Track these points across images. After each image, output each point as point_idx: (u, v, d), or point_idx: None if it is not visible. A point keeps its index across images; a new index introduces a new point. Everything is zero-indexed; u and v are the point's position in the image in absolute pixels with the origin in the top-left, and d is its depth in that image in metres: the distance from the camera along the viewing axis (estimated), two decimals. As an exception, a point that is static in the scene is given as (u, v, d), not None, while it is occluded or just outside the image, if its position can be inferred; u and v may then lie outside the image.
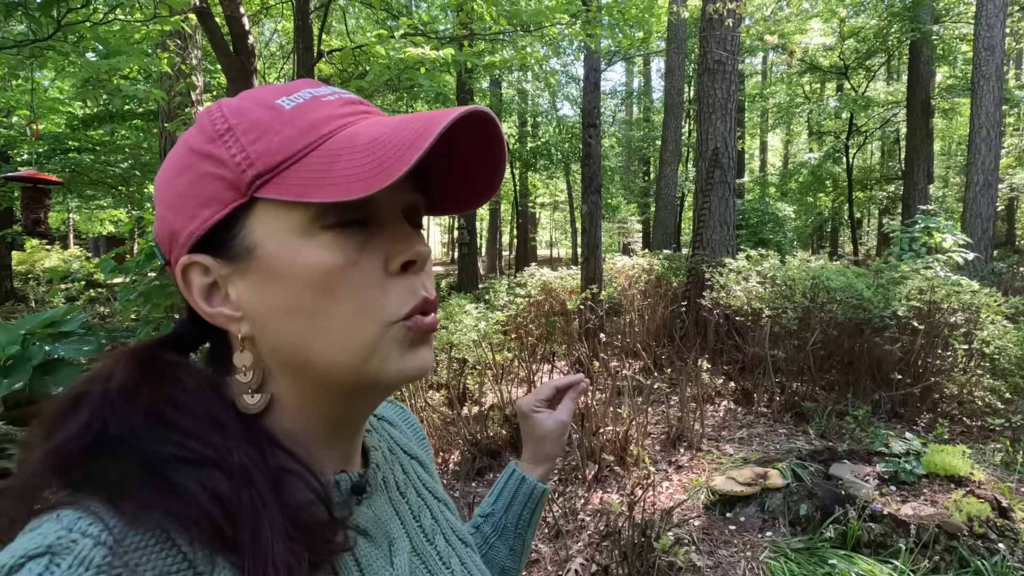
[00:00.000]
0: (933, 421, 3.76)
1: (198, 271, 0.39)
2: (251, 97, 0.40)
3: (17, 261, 11.97)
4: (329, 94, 0.40)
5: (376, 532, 0.45)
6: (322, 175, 0.35)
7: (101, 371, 0.38)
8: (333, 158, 0.36)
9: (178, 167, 0.39)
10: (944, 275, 4.23)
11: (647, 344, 5.68)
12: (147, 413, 0.36)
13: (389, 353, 0.39)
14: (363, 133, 0.37)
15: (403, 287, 0.40)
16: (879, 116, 14.42)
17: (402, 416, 0.63)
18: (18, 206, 3.38)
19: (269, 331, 0.39)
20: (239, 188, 0.37)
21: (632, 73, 23.10)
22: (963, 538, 2.36)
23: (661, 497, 3.08)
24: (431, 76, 3.84)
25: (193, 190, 0.38)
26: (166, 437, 0.35)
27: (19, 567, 0.29)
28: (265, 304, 0.38)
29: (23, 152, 7.29)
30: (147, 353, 0.40)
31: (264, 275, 0.38)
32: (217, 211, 0.38)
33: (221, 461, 0.35)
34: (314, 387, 0.40)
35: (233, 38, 3.60)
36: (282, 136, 0.37)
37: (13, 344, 2.46)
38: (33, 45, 2.25)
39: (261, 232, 0.38)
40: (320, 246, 0.37)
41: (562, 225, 27.11)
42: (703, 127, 6.38)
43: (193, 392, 0.38)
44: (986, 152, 7.70)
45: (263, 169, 0.37)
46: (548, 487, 0.74)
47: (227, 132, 0.38)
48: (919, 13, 10.48)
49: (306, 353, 0.39)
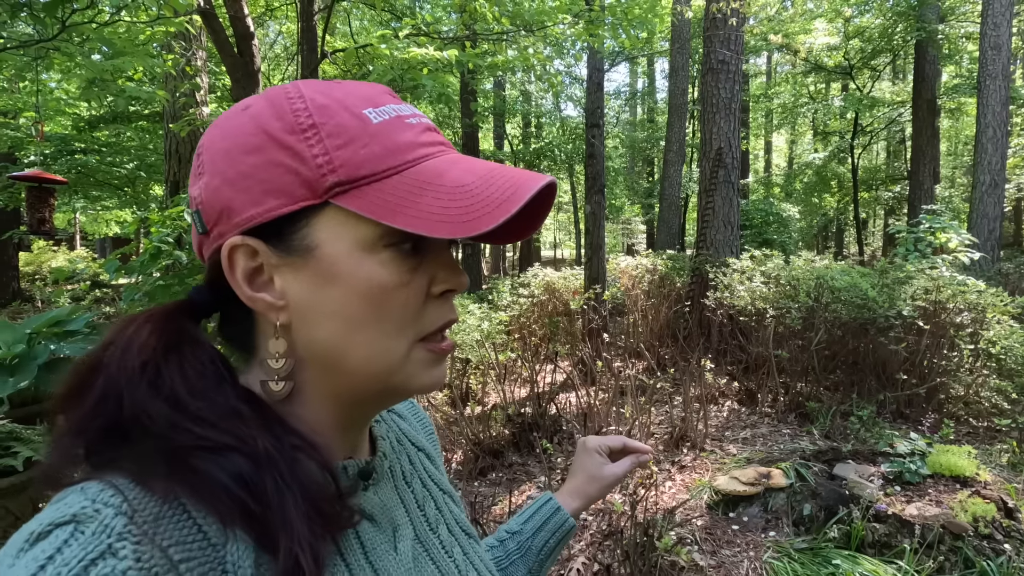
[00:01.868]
0: (939, 422, 3.73)
1: (246, 253, 0.39)
2: (334, 97, 0.40)
3: (24, 262, 12.06)
4: (411, 115, 0.42)
5: (381, 518, 0.46)
6: (406, 203, 0.37)
7: (118, 339, 0.38)
8: (419, 189, 0.38)
9: (247, 145, 0.39)
10: (950, 275, 4.21)
11: (650, 344, 5.66)
12: (164, 397, 0.36)
13: (416, 369, 0.42)
14: (448, 174, 0.39)
15: (437, 308, 0.43)
16: (884, 116, 14.36)
17: (411, 410, 0.64)
18: (24, 207, 3.41)
19: (310, 326, 0.40)
20: (315, 189, 0.38)
21: (636, 74, 23.09)
22: (968, 539, 2.34)
23: (664, 497, 3.08)
24: (434, 76, 3.85)
25: (262, 174, 0.38)
26: (184, 426, 0.36)
27: (47, 534, 0.31)
28: (313, 302, 0.39)
29: (30, 153, 7.35)
30: (169, 324, 0.39)
31: (320, 276, 0.39)
32: (285, 204, 0.38)
33: (243, 447, 0.36)
34: (339, 385, 0.42)
35: (237, 39, 3.62)
36: (368, 151, 0.38)
37: (19, 343, 2.48)
38: (38, 46, 2.27)
39: (326, 235, 0.39)
40: (381, 263, 0.39)
41: (566, 226, 27.10)
42: (707, 127, 6.37)
43: (211, 377, 0.38)
44: (992, 152, 7.65)
45: (345, 178, 0.38)
46: (576, 524, 0.76)
47: (311, 129, 0.38)
48: (924, 12, 10.43)
49: (342, 354, 0.40)
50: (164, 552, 0.32)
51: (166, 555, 0.32)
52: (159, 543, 0.32)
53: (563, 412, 4.05)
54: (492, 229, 0.36)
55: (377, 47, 3.79)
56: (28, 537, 0.31)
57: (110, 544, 0.31)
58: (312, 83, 0.41)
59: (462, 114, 11.10)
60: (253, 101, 0.41)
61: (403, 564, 0.45)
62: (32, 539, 0.31)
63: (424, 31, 4.76)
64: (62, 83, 7.49)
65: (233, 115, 0.41)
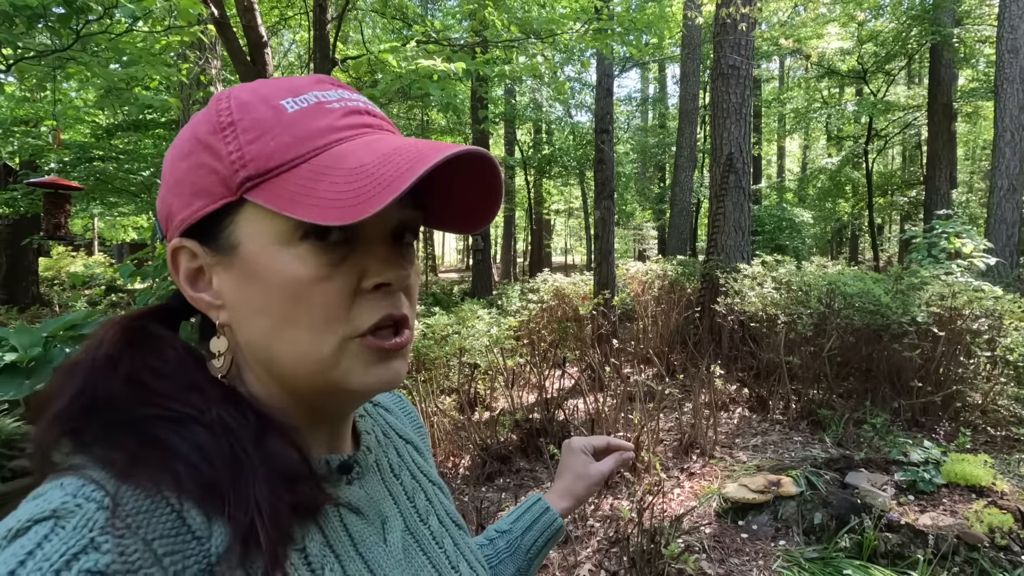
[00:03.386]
0: (955, 430, 3.66)
1: (186, 255, 0.41)
2: (260, 91, 0.40)
3: (44, 267, 12.30)
4: (336, 100, 0.40)
5: (369, 511, 0.46)
6: (306, 191, 0.36)
7: (93, 340, 0.40)
8: (319, 176, 0.36)
9: (182, 151, 0.40)
10: (965, 281, 4.14)
11: (660, 350, 5.63)
12: (128, 379, 0.38)
13: (352, 365, 0.40)
14: (352, 155, 0.37)
15: (372, 304, 0.40)
16: (899, 120, 14.18)
17: (398, 404, 0.64)
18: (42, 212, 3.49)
19: (243, 324, 0.41)
20: (230, 186, 0.38)
21: (647, 79, 23.07)
22: (984, 549, 2.29)
23: (672, 504, 3.05)
24: (442, 85, 3.88)
25: (190, 177, 0.39)
26: (147, 400, 0.37)
27: (25, 530, 0.30)
28: (241, 299, 0.40)
29: (50, 161, 7.51)
30: (134, 323, 0.42)
31: (243, 273, 0.39)
32: (207, 204, 0.39)
33: (200, 417, 0.37)
34: (282, 383, 0.42)
35: (251, 48, 3.68)
36: (277, 142, 0.38)
37: (36, 346, 2.52)
38: (53, 55, 2.32)
39: (246, 232, 0.39)
40: (296, 256, 0.38)
41: (577, 231, 27.07)
42: (717, 132, 6.34)
43: (174, 362, 0.40)
44: (1010, 156, 7.52)
45: (254, 172, 0.37)
46: (564, 524, 0.77)
47: (229, 127, 0.38)
48: (939, 16, 10.31)
49: (271, 351, 0.40)
50: (148, 545, 0.32)
51: (150, 548, 0.32)
52: (143, 536, 0.32)
53: (571, 418, 4.04)
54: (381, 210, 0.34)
55: (384, 57, 3.83)
56: (6, 534, 0.30)
57: (92, 538, 0.30)
58: (248, 83, 0.42)
59: (472, 120, 11.16)
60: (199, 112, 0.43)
61: (393, 555, 0.45)
62: (10, 536, 0.30)
63: (434, 38, 4.80)
64: (80, 92, 7.66)
65: (183, 128, 0.43)
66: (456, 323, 5.03)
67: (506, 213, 17.73)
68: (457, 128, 12.84)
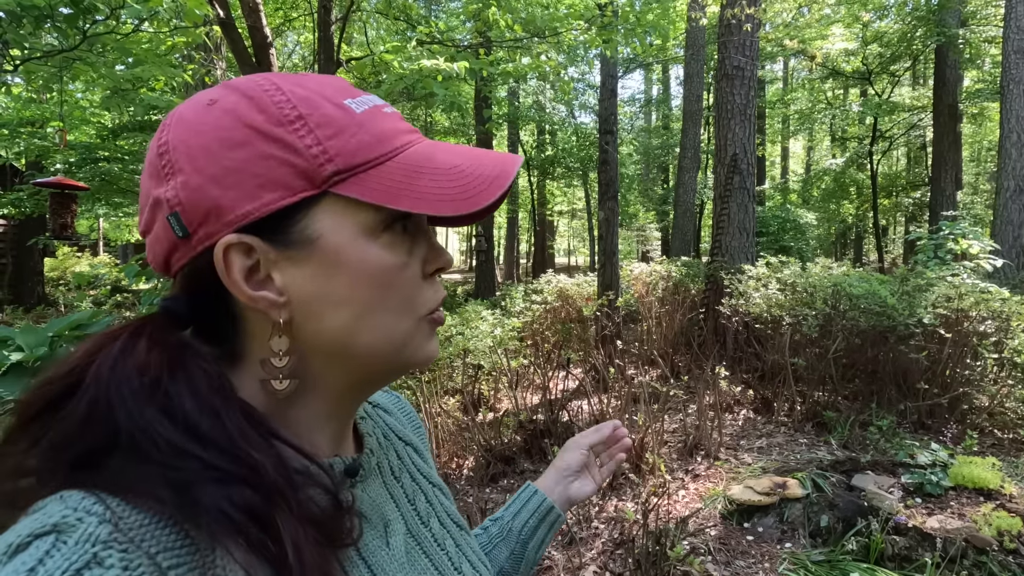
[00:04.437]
0: (962, 433, 3.64)
1: (240, 252, 0.38)
2: (312, 89, 0.40)
3: (49, 267, 12.36)
4: (384, 105, 0.43)
5: (371, 514, 0.46)
6: (405, 186, 0.39)
7: (106, 353, 0.36)
8: (415, 173, 0.40)
9: (230, 140, 0.37)
10: (972, 282, 4.11)
11: (664, 351, 5.61)
12: (174, 420, 0.34)
13: (420, 342, 0.44)
14: (437, 157, 0.41)
15: (432, 287, 0.45)
16: (904, 121, 14.14)
17: (397, 404, 0.64)
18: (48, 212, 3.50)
19: (316, 319, 0.39)
20: (313, 180, 0.38)
21: (651, 80, 23.05)
22: (993, 553, 2.27)
23: (677, 506, 3.03)
24: (446, 85, 3.88)
25: (253, 168, 0.37)
26: (193, 452, 0.34)
27: (26, 545, 0.29)
28: (319, 293, 0.39)
29: (56, 162, 7.54)
30: (169, 338, 0.38)
31: (325, 266, 0.39)
32: (284, 197, 0.37)
33: (252, 478, 0.34)
34: (343, 371, 0.42)
35: (255, 49, 3.69)
36: (358, 140, 0.39)
37: (41, 346, 2.53)
38: (60, 56, 2.33)
39: (327, 225, 0.39)
40: (384, 246, 0.40)
41: (580, 233, 27.06)
42: (722, 133, 6.32)
43: (217, 392, 0.36)
44: (1017, 157, 7.48)
45: (343, 167, 0.38)
46: (554, 505, 0.76)
47: (298, 120, 0.38)
48: (945, 16, 10.27)
49: (352, 341, 0.41)
50: (152, 559, 0.31)
51: (154, 562, 0.31)
52: (147, 550, 0.31)
53: (575, 419, 4.03)
54: (489, 205, 0.39)
55: (388, 57, 3.84)
56: (6, 549, 0.29)
57: (95, 553, 0.29)
58: (283, 76, 0.41)
59: (476, 121, 11.17)
60: (218, 94, 0.39)
61: (396, 559, 0.45)
62: (10, 551, 0.29)
63: (438, 39, 4.80)
64: (87, 93, 7.69)
65: (199, 110, 0.39)
66: (460, 324, 5.03)
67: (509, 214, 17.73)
68: (460, 129, 12.85)
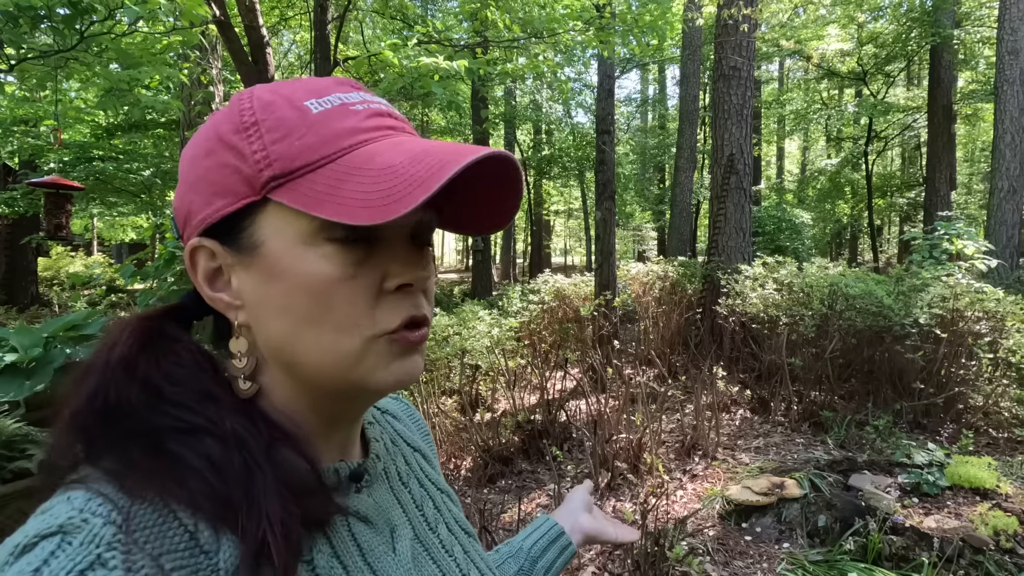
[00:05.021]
0: (957, 432, 3.66)
1: (205, 254, 0.40)
2: (282, 92, 0.40)
3: (43, 267, 12.28)
4: (359, 102, 0.41)
5: (378, 519, 0.46)
6: (332, 192, 0.36)
7: (107, 340, 0.40)
8: (345, 176, 0.36)
9: (204, 149, 0.40)
10: (967, 282, 4.13)
11: (662, 351, 5.62)
12: (143, 384, 0.37)
13: (376, 363, 0.40)
14: (380, 156, 0.37)
15: (395, 304, 0.40)
16: (899, 122, 14.20)
17: (406, 411, 0.64)
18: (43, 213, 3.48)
19: (263, 324, 0.40)
20: (254, 186, 0.38)
21: (647, 80, 23.07)
22: (989, 553, 2.28)
23: (675, 506, 3.04)
24: (444, 84, 3.87)
25: (212, 176, 0.39)
26: (160, 409, 0.37)
27: (32, 546, 0.30)
28: (262, 299, 0.40)
29: (50, 161, 7.49)
30: (150, 324, 0.41)
31: (265, 272, 0.39)
32: (230, 203, 0.39)
33: (213, 428, 0.37)
34: (304, 384, 0.41)
35: (252, 48, 3.67)
36: (303, 142, 0.38)
37: (35, 347, 2.51)
38: (57, 56, 2.31)
39: (269, 231, 0.39)
40: (322, 256, 0.38)
41: (576, 232, 27.07)
42: (718, 133, 6.34)
43: (189, 367, 0.39)
44: (1011, 158, 7.53)
45: (279, 172, 0.37)
46: (565, 532, 0.77)
47: (253, 126, 0.38)
48: (939, 17, 10.33)
49: (295, 352, 0.40)
50: (155, 561, 0.31)
51: (157, 564, 0.31)
52: (150, 552, 0.31)
53: (573, 419, 4.03)
54: (411, 210, 0.34)
55: (386, 56, 3.83)
56: (13, 550, 0.30)
57: (99, 554, 0.30)
58: (268, 84, 0.42)
59: (473, 121, 11.16)
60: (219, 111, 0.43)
61: (402, 565, 0.45)
62: (17, 552, 0.30)
63: (436, 39, 4.79)
64: (81, 92, 7.64)
65: (203, 126, 0.42)
66: (457, 324, 5.02)
67: (506, 214, 17.67)
68: (457, 128, 12.84)
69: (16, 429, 2.30)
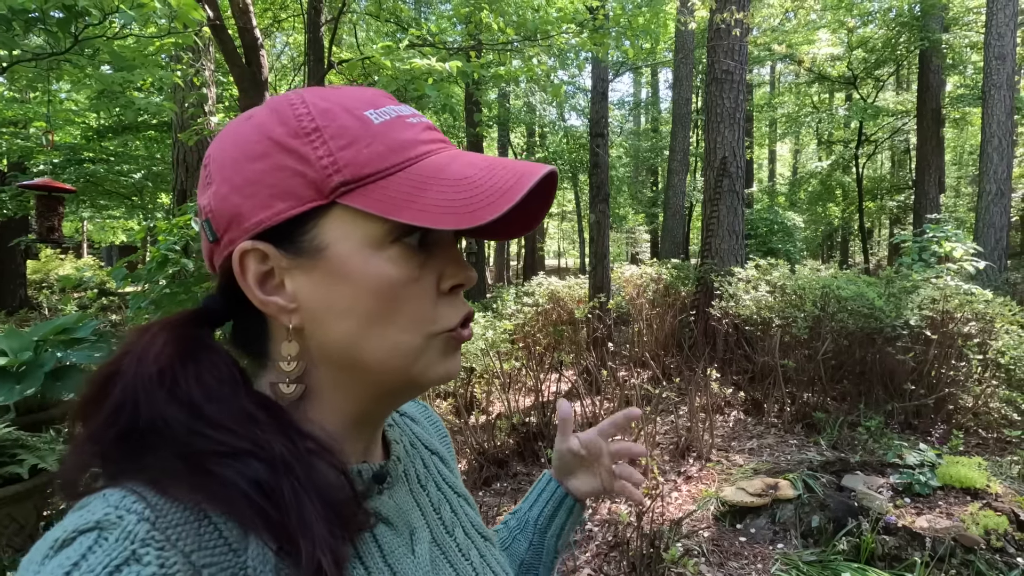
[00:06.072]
0: (948, 433, 3.70)
1: (256, 258, 0.40)
2: (336, 101, 0.41)
3: (32, 270, 12.14)
4: (411, 115, 0.43)
5: (398, 521, 0.46)
6: (410, 198, 0.38)
7: (134, 348, 0.38)
8: (423, 184, 0.39)
9: (253, 152, 0.39)
10: (956, 284, 4.18)
11: (655, 353, 5.64)
12: (181, 403, 0.36)
13: (432, 359, 0.43)
14: (450, 167, 0.40)
15: (450, 304, 0.43)
16: (889, 126, 14.35)
17: (424, 414, 0.64)
18: (33, 215, 3.44)
19: (323, 327, 0.40)
20: (321, 190, 0.38)
21: (640, 84, 23.20)
22: (980, 552, 2.31)
23: (670, 508, 3.05)
24: (438, 87, 3.87)
25: (269, 179, 0.39)
26: (201, 431, 0.36)
27: (71, 541, 0.31)
28: (325, 302, 0.40)
29: (39, 163, 7.42)
30: (186, 332, 0.40)
31: (330, 275, 0.39)
32: (293, 206, 0.39)
33: (260, 452, 0.36)
34: (355, 382, 0.42)
35: (245, 50, 3.65)
36: (371, 150, 0.39)
37: (26, 350, 2.49)
38: (51, 58, 2.30)
39: (335, 235, 0.39)
40: (389, 259, 0.40)
41: (570, 235, 27.13)
42: (711, 136, 6.38)
43: (228, 382, 0.39)
44: (998, 161, 7.64)
45: (350, 178, 0.38)
46: (566, 493, 0.75)
47: (314, 132, 0.39)
48: (928, 22, 10.46)
49: (357, 352, 0.41)
50: (187, 557, 0.32)
51: (189, 560, 0.32)
52: (182, 548, 0.32)
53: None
54: (496, 218, 0.37)
55: (379, 58, 3.83)
56: (52, 544, 0.31)
57: (134, 550, 0.31)
58: (314, 89, 0.42)
59: (467, 123, 11.17)
60: (256, 111, 0.42)
61: (421, 567, 0.45)
62: (57, 546, 0.31)
63: (430, 41, 4.80)
64: (71, 94, 7.59)
65: (238, 125, 0.42)
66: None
67: (499, 216, 17.68)
68: (451, 131, 12.83)
69: (6, 434, 2.27)
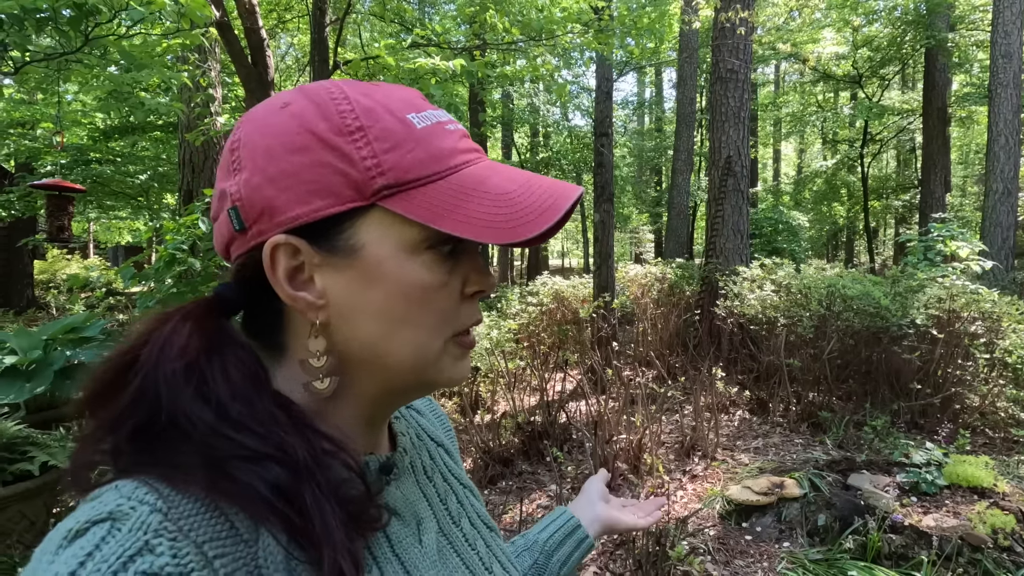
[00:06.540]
0: (954, 432, 3.68)
1: (287, 252, 0.39)
2: (377, 100, 0.41)
3: (39, 270, 12.22)
4: (448, 122, 0.43)
5: (405, 512, 0.47)
6: (452, 208, 0.39)
7: (157, 336, 0.38)
8: (465, 195, 0.39)
9: (291, 144, 0.39)
10: (962, 284, 4.16)
11: (660, 353, 5.64)
12: (207, 401, 0.36)
13: (448, 362, 0.44)
14: (490, 181, 0.41)
15: (469, 308, 0.44)
16: (894, 124, 14.29)
17: (429, 407, 0.65)
18: (41, 216, 3.47)
19: (350, 325, 0.41)
20: (363, 191, 0.38)
21: (644, 83, 23.17)
22: (987, 551, 2.30)
23: (676, 506, 3.05)
24: (443, 86, 3.88)
25: (308, 174, 0.38)
26: (225, 433, 0.36)
27: (84, 531, 0.32)
28: (356, 301, 0.40)
29: (47, 163, 7.47)
30: (209, 324, 0.39)
31: (364, 276, 0.40)
32: (332, 205, 0.38)
33: (281, 456, 0.36)
34: (371, 380, 0.43)
35: (251, 50, 3.67)
36: (413, 156, 0.39)
37: (35, 349, 2.51)
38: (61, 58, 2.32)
39: (371, 237, 0.39)
40: (423, 265, 0.40)
41: (574, 235, 27.10)
42: (716, 136, 6.37)
43: (251, 379, 0.38)
44: (1005, 160, 7.59)
45: (393, 182, 0.39)
46: (581, 524, 0.78)
47: (359, 131, 0.39)
48: (934, 20, 10.41)
49: (381, 351, 0.41)
50: (200, 548, 0.32)
51: (201, 551, 0.32)
52: (194, 539, 0.33)
53: (573, 420, 4.04)
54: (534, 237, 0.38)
55: (384, 58, 3.84)
56: (66, 534, 0.32)
57: (147, 541, 0.31)
58: (353, 84, 0.42)
59: (471, 123, 11.18)
60: (291, 98, 0.41)
61: (428, 557, 0.46)
62: (70, 536, 0.31)
63: (434, 41, 4.81)
64: (79, 94, 7.63)
65: (271, 112, 0.41)
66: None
67: (503, 216, 17.67)
68: (455, 131, 12.81)
69: (17, 431, 2.29)
